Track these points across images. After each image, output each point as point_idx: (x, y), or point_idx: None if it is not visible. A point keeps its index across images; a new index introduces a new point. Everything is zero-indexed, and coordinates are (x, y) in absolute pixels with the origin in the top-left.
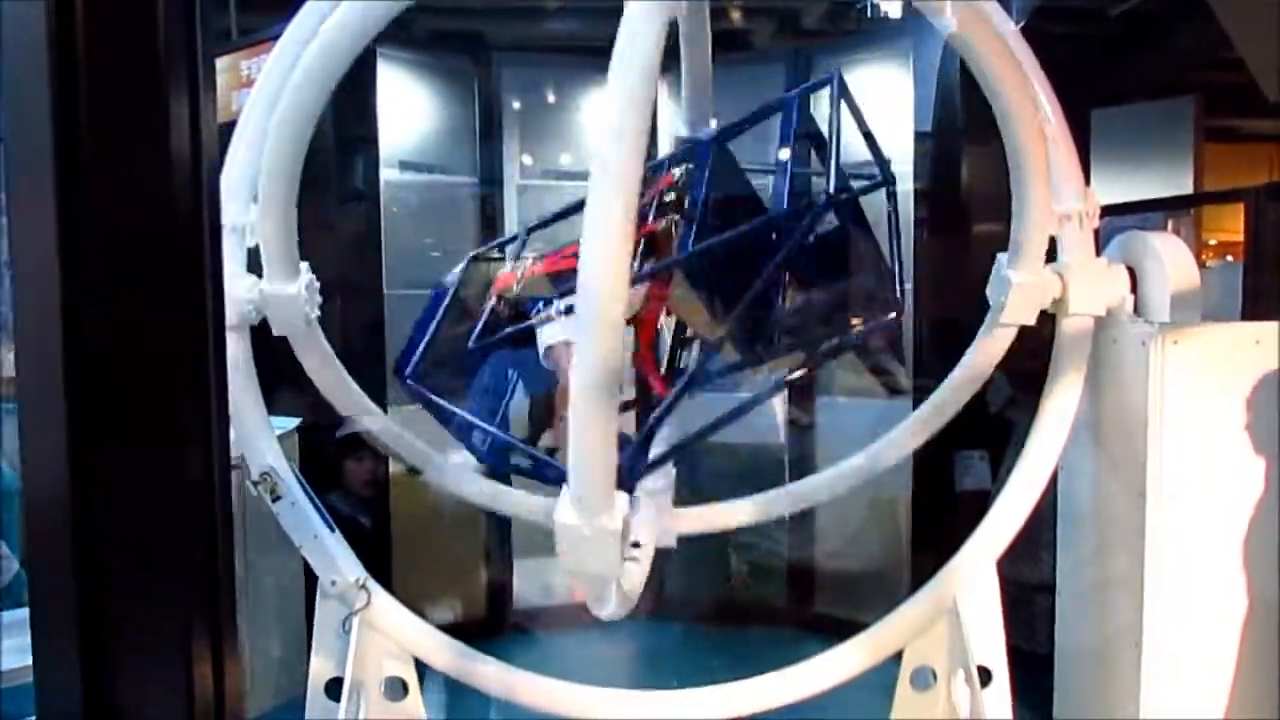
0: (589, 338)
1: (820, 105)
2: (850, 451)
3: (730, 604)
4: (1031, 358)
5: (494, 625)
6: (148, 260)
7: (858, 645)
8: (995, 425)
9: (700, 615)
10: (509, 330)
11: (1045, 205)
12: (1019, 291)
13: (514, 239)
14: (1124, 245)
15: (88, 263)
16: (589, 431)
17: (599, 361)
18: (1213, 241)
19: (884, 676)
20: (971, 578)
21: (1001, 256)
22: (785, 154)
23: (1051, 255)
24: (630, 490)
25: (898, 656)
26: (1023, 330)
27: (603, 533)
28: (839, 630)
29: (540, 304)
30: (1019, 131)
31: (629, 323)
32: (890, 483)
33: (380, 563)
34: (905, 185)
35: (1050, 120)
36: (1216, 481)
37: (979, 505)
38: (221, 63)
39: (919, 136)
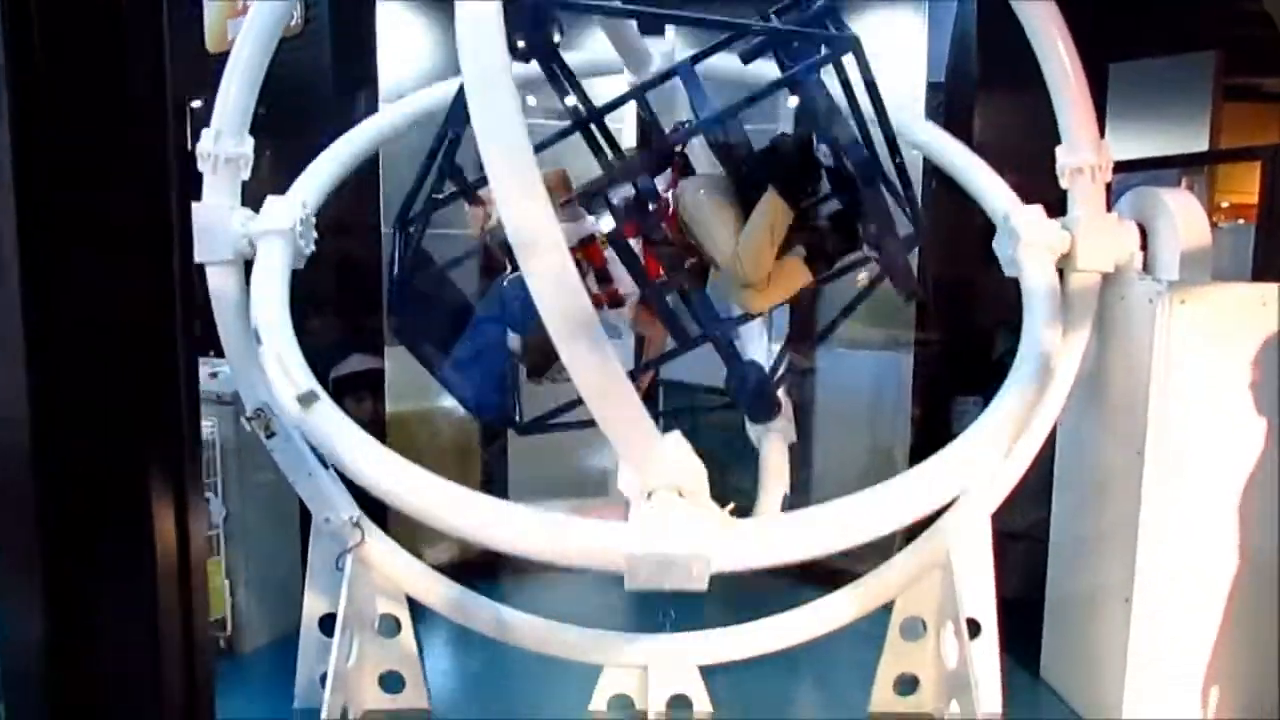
0: (545, 288)
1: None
2: (848, 401)
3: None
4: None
5: (489, 567)
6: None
7: (850, 594)
8: (993, 372)
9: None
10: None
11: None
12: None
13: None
14: (1135, 201)
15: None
16: (592, 378)
17: (568, 307)
18: (1225, 204)
19: (875, 626)
20: (965, 532)
21: (1010, 209)
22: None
23: (1061, 211)
24: None
25: (889, 606)
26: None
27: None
28: (835, 580)
29: None
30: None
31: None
32: (889, 432)
33: (375, 502)
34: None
35: (1069, 74)
36: (1216, 440)
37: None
38: None
39: (932, 87)
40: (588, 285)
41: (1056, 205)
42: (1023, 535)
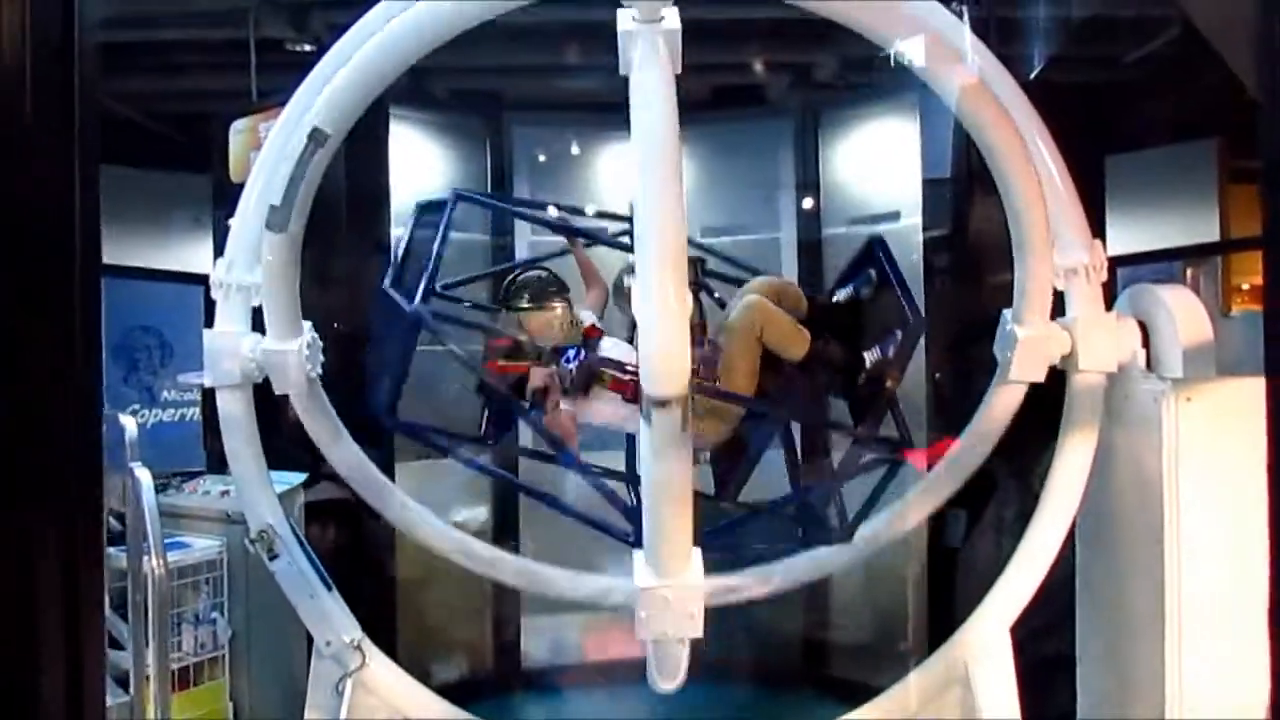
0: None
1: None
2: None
3: (745, 664)
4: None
5: (501, 683)
6: None
7: (871, 712)
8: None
9: (714, 675)
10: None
11: (1046, 259)
12: (1025, 347)
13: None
14: (1134, 299)
15: None
16: (667, 494)
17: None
18: (1246, 286)
19: None
20: (983, 645)
21: (1007, 312)
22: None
23: (1061, 310)
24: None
25: None
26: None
27: (686, 590)
28: (853, 692)
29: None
30: (1017, 195)
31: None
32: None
33: (379, 624)
34: (915, 236)
35: (1054, 175)
36: (1234, 537)
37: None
38: (240, 124)
39: (926, 184)
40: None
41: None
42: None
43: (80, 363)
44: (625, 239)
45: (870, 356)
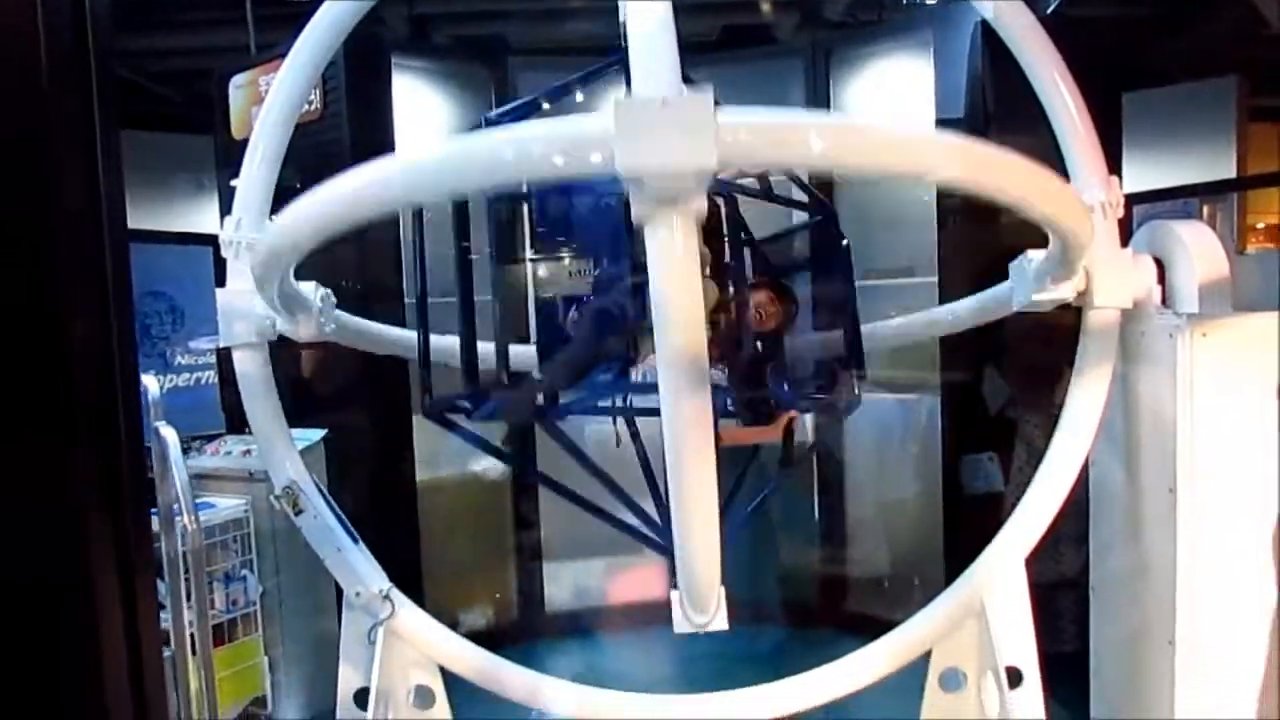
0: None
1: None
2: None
3: (761, 604)
4: (1039, 352)
5: (526, 630)
6: None
7: (883, 647)
8: (998, 427)
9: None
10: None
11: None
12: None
13: None
14: (1151, 235)
15: None
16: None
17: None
18: (1261, 225)
19: (914, 677)
20: (999, 577)
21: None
22: None
23: None
24: None
25: (927, 657)
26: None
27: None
28: (873, 627)
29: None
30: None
31: None
32: (923, 481)
33: (407, 574)
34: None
35: (1071, 111)
36: (1248, 474)
37: (995, 508)
38: (240, 79)
39: (940, 124)
40: None
41: None
42: (1069, 582)
43: (116, 327)
44: None
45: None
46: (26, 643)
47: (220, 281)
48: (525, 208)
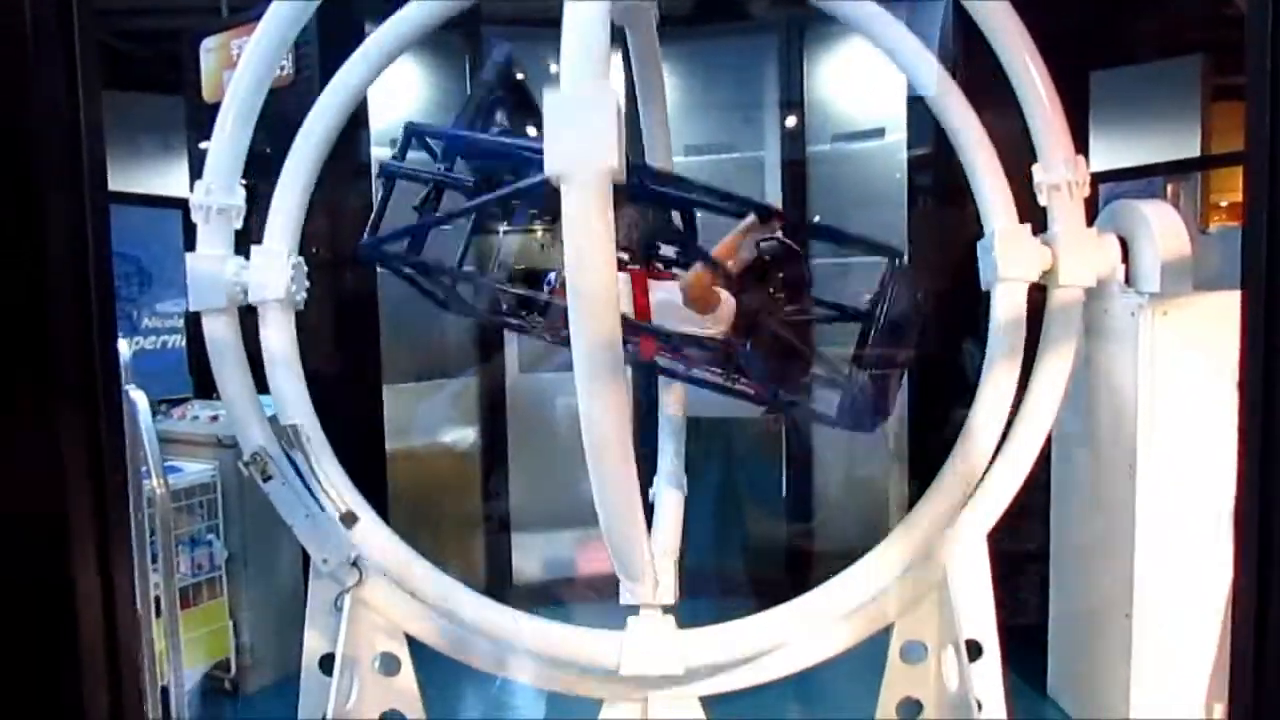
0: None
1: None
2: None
3: (728, 577)
4: None
5: (493, 600)
6: None
7: (847, 619)
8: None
9: (697, 589)
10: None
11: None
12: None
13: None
14: (1115, 214)
15: None
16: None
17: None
18: (1224, 203)
19: (877, 648)
20: (962, 551)
21: (983, 241)
22: None
23: (1043, 225)
24: None
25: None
26: None
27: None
28: None
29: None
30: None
31: None
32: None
33: None
34: (899, 153)
35: (1039, 90)
36: (1206, 451)
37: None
38: (211, 42)
39: (911, 101)
40: None
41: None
42: (1029, 555)
43: (95, 286)
44: None
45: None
46: (6, 602)
47: (190, 246)
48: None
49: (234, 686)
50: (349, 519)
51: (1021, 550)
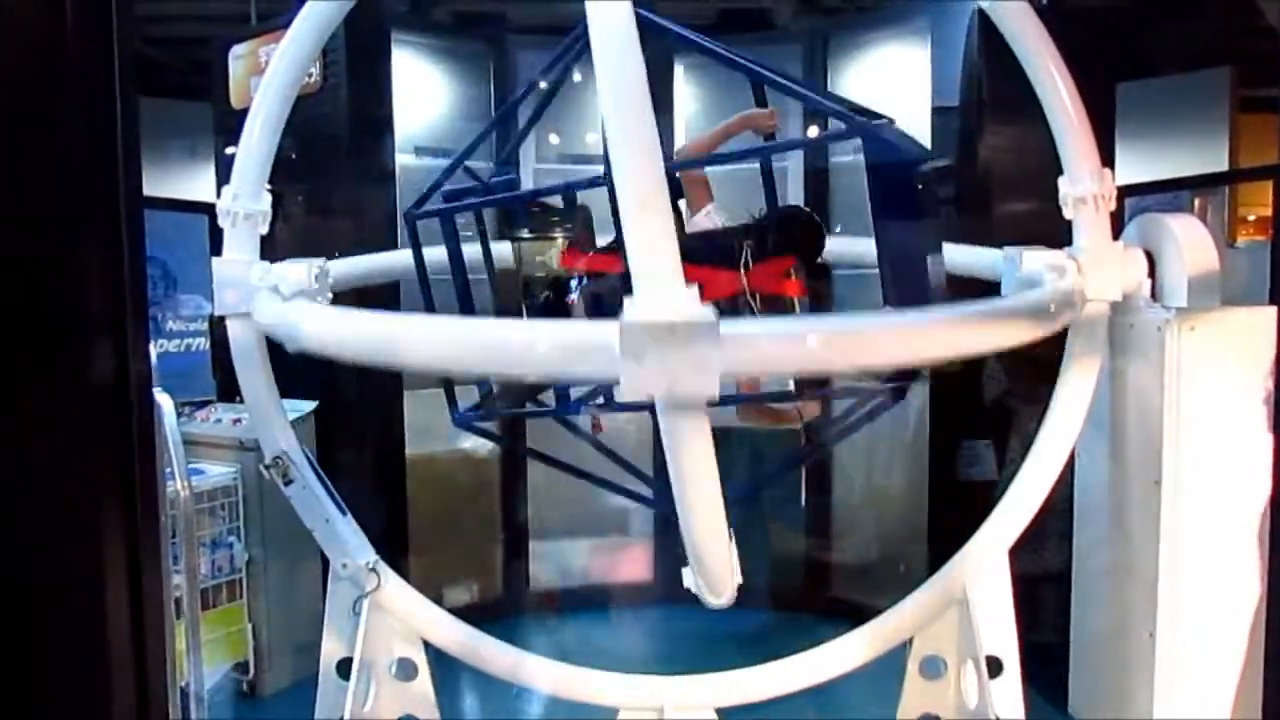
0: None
1: None
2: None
3: (748, 587)
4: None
5: (510, 606)
6: None
7: (866, 634)
8: (996, 414)
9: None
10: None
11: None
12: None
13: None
14: (1141, 229)
15: None
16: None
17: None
18: (1252, 217)
19: (896, 661)
20: (982, 567)
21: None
22: None
23: (1068, 239)
24: None
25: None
26: None
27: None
28: (854, 615)
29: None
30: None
31: None
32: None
33: (393, 547)
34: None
35: (1065, 102)
36: (1233, 468)
37: (982, 496)
38: (240, 49)
39: (935, 112)
40: None
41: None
42: (1051, 571)
43: (130, 291)
44: None
45: None
46: (33, 601)
47: (216, 250)
48: None
49: (251, 688)
50: None
51: (1043, 566)
